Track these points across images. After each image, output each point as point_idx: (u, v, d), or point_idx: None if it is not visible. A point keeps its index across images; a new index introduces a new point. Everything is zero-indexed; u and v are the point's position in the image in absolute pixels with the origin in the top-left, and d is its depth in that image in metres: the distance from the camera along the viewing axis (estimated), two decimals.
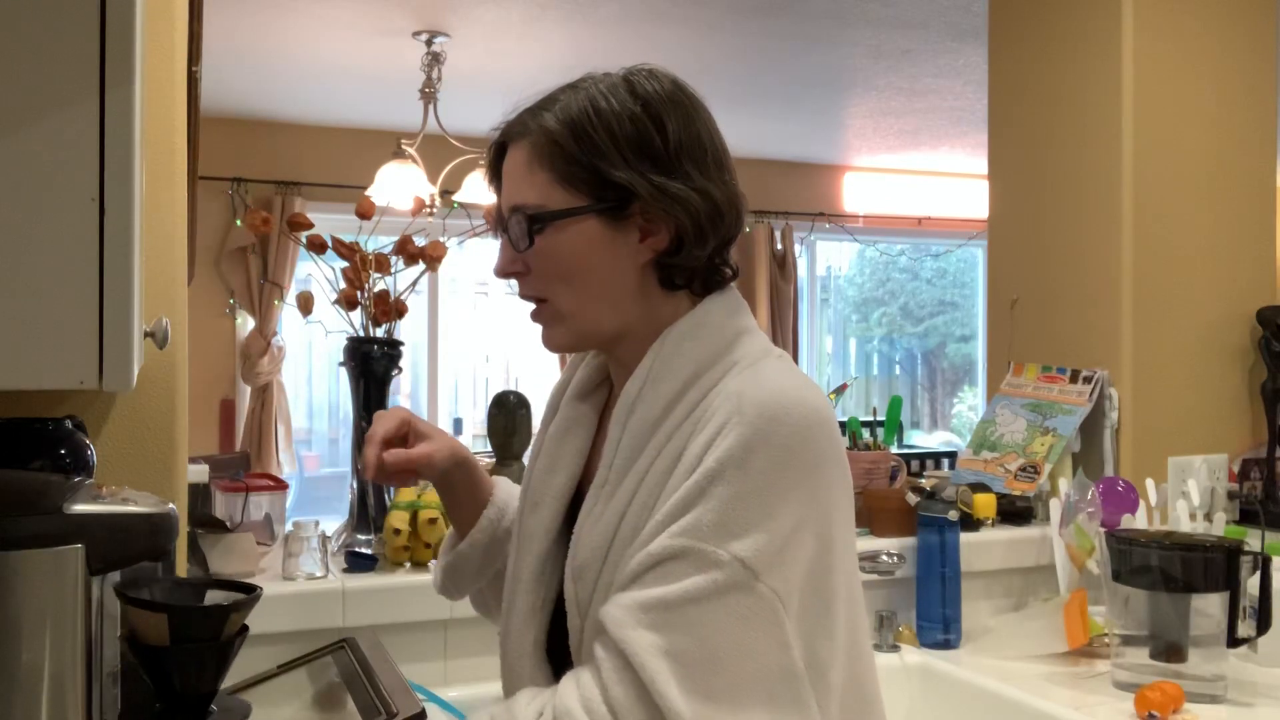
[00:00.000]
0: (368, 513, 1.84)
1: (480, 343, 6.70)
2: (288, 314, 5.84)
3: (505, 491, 1.24)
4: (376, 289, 1.88)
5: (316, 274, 1.90)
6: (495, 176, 1.11)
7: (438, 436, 1.17)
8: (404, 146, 4.19)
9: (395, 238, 1.92)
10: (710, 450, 0.95)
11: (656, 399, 1.01)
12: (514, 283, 1.10)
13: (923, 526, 1.98)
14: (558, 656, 1.08)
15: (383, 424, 1.13)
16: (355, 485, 1.87)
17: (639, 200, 1.01)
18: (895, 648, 1.91)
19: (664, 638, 0.90)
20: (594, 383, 1.17)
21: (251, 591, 1.04)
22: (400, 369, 1.87)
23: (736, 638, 0.91)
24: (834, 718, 0.97)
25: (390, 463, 1.11)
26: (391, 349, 1.86)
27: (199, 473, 1.74)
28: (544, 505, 1.11)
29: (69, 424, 1.26)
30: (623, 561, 0.97)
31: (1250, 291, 2.42)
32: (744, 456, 0.93)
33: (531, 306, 1.09)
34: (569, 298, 1.05)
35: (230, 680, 1.50)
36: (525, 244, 1.04)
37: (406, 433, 1.15)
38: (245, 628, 1.03)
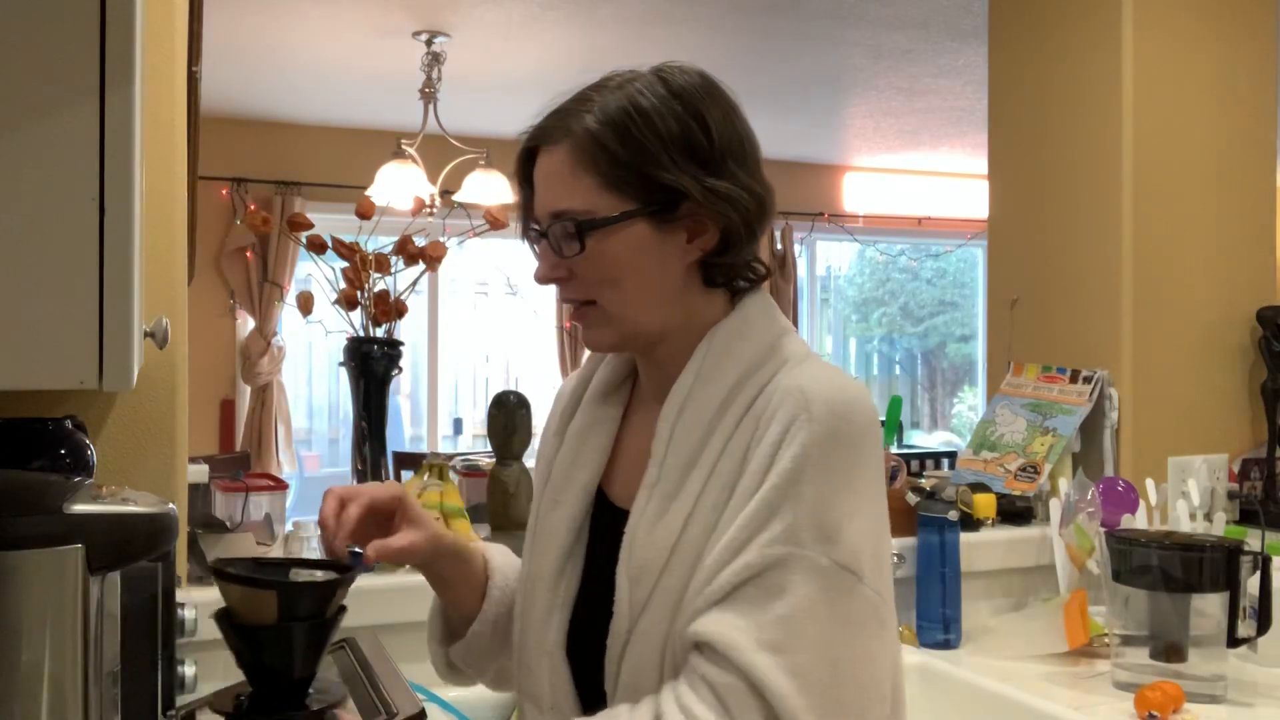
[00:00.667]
0: None
1: (480, 343, 6.70)
2: (288, 314, 5.84)
3: (504, 560, 1.19)
4: (376, 289, 1.88)
5: (316, 274, 1.90)
6: (525, 181, 1.08)
7: (425, 526, 1.08)
8: (404, 146, 4.19)
9: (395, 238, 1.92)
10: (783, 449, 0.95)
11: (709, 397, 1.01)
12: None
13: (923, 526, 1.98)
14: (576, 657, 1.06)
15: (381, 491, 1.06)
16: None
17: (688, 201, 1.01)
18: None
19: (786, 657, 0.90)
20: (615, 382, 1.16)
21: (349, 569, 1.00)
22: (400, 369, 1.87)
23: (852, 645, 0.92)
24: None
25: (372, 553, 1.03)
26: (391, 349, 1.86)
27: (199, 473, 1.74)
28: (566, 502, 1.10)
29: (69, 424, 1.26)
30: (698, 568, 0.96)
31: (1250, 291, 2.42)
32: (822, 456, 0.94)
33: (574, 307, 1.08)
34: (617, 300, 1.03)
35: (230, 680, 1.50)
36: (576, 250, 1.01)
37: (395, 509, 1.07)
38: (344, 608, 0.99)
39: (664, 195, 1.01)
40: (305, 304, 1.99)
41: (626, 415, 1.14)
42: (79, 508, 0.92)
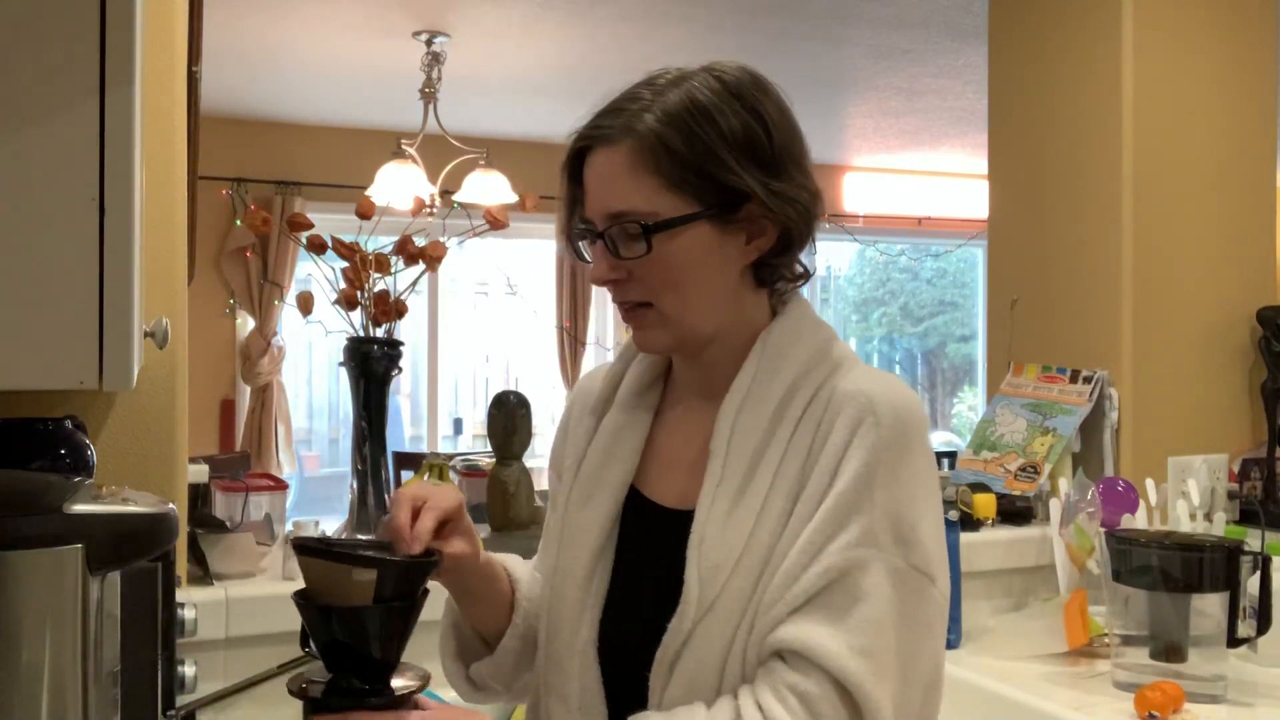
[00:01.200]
0: (368, 513, 1.84)
1: (480, 343, 6.70)
2: (288, 314, 5.84)
3: (523, 572, 1.17)
4: (376, 289, 1.88)
5: (316, 274, 1.90)
6: (576, 182, 1.05)
7: (475, 539, 1.06)
8: (404, 146, 4.19)
9: (395, 238, 1.92)
10: (850, 452, 0.96)
11: (767, 397, 1.02)
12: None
13: None
14: (605, 655, 1.05)
15: (447, 499, 1.02)
16: (355, 485, 1.87)
17: (750, 203, 1.00)
18: None
19: (876, 661, 0.92)
20: (649, 380, 1.14)
21: (431, 554, 0.97)
22: (400, 369, 1.87)
23: (924, 647, 0.97)
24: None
25: (449, 557, 1.01)
26: (391, 349, 1.86)
27: (199, 473, 1.74)
28: (598, 500, 1.09)
29: (69, 424, 1.26)
30: (767, 569, 0.96)
31: (1250, 291, 2.42)
32: (893, 459, 0.96)
33: (630, 309, 1.05)
34: (675, 302, 1.02)
35: (230, 680, 1.51)
36: (639, 251, 1.00)
37: (455, 518, 1.03)
38: (426, 590, 0.98)
39: (728, 196, 1.00)
40: (305, 304, 1.99)
41: (659, 413, 1.13)
42: (79, 508, 0.92)
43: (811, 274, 1.12)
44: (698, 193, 0.99)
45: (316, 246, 1.88)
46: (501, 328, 6.64)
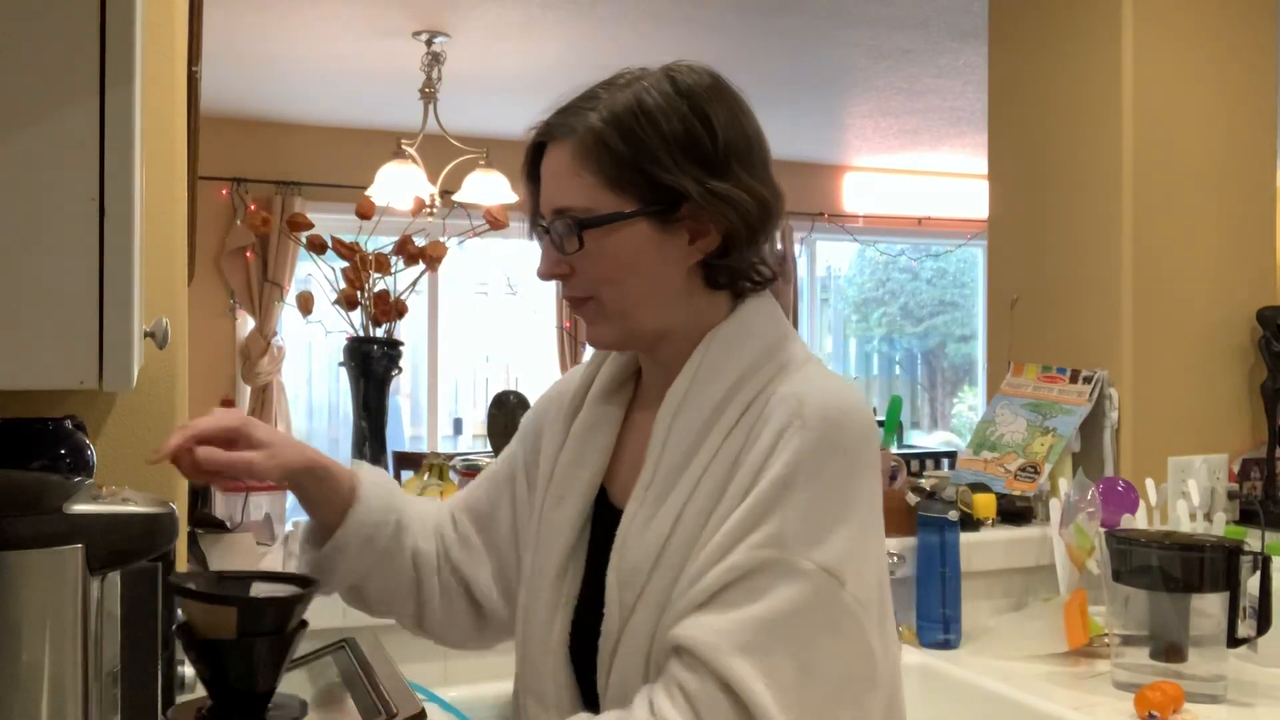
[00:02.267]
0: None
1: (480, 343, 6.70)
2: (288, 314, 5.84)
3: (377, 497, 1.15)
4: (376, 289, 1.89)
5: (316, 274, 1.90)
6: (533, 177, 1.08)
7: (275, 447, 1.08)
8: (404, 146, 4.19)
9: (395, 238, 1.92)
10: (774, 456, 0.95)
11: (704, 400, 1.01)
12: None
13: (923, 526, 1.98)
14: (577, 655, 1.06)
15: (207, 420, 1.05)
16: None
17: (689, 202, 1.00)
18: None
19: (762, 660, 0.90)
20: (620, 380, 1.15)
21: (309, 584, 1.00)
22: (400, 369, 1.88)
23: (828, 650, 0.92)
24: (880, 717, 0.98)
25: (201, 458, 1.03)
26: (391, 349, 1.86)
27: None
28: (569, 501, 1.10)
29: (69, 424, 1.26)
30: (684, 571, 0.96)
31: (1250, 291, 2.42)
32: (815, 462, 0.94)
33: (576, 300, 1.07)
34: (617, 298, 1.04)
35: None
36: (574, 247, 1.02)
37: (235, 438, 1.06)
38: (304, 622, 0.99)
39: (665, 195, 1.00)
40: (305, 304, 1.99)
41: (629, 414, 1.14)
42: (79, 508, 0.92)
43: (776, 277, 1.10)
44: (636, 191, 1.00)
45: (316, 246, 1.88)
46: (501, 328, 6.64)
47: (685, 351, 1.05)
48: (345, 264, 1.88)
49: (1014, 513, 2.18)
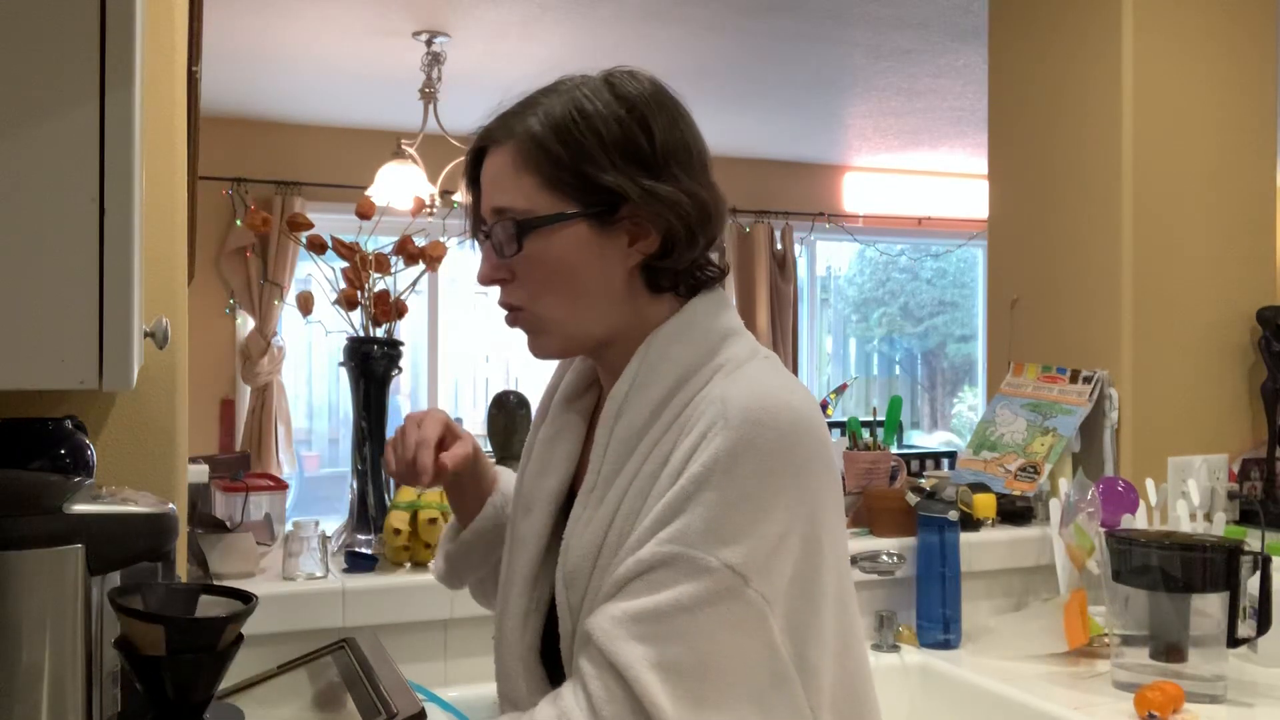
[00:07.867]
0: (368, 513, 1.84)
1: (480, 343, 6.69)
2: (288, 314, 5.84)
3: (508, 481, 1.26)
4: (376, 289, 1.88)
5: (316, 274, 1.90)
6: (474, 182, 1.09)
7: (466, 436, 1.18)
8: (404, 146, 4.19)
9: (395, 238, 1.92)
10: (695, 456, 0.94)
11: (643, 404, 1.01)
12: (495, 286, 1.10)
13: (923, 526, 1.98)
14: (550, 660, 1.08)
15: (433, 428, 1.13)
16: (355, 485, 1.87)
17: (628, 204, 1.01)
18: (895, 648, 1.91)
19: (655, 649, 0.90)
20: (582, 386, 1.17)
21: (248, 600, 1.03)
22: (400, 369, 1.87)
23: (726, 644, 0.91)
24: (826, 719, 0.97)
25: (452, 467, 1.12)
26: (391, 349, 1.86)
27: (199, 473, 1.74)
28: (535, 509, 1.11)
29: (69, 424, 1.26)
30: (610, 568, 0.97)
31: (1250, 291, 2.42)
32: (730, 462, 0.93)
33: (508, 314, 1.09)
34: (556, 304, 1.04)
35: (230, 681, 1.50)
36: (513, 249, 1.02)
37: (445, 434, 1.15)
38: (241, 636, 1.02)
39: (603, 197, 1.01)
40: (305, 304, 1.99)
41: (594, 419, 1.14)
42: (79, 508, 0.92)
43: (725, 273, 1.10)
44: (575, 193, 1.01)
45: (316, 246, 1.88)
46: (501, 328, 6.61)
47: (630, 355, 1.05)
48: (345, 264, 1.88)
49: (1014, 513, 2.18)
